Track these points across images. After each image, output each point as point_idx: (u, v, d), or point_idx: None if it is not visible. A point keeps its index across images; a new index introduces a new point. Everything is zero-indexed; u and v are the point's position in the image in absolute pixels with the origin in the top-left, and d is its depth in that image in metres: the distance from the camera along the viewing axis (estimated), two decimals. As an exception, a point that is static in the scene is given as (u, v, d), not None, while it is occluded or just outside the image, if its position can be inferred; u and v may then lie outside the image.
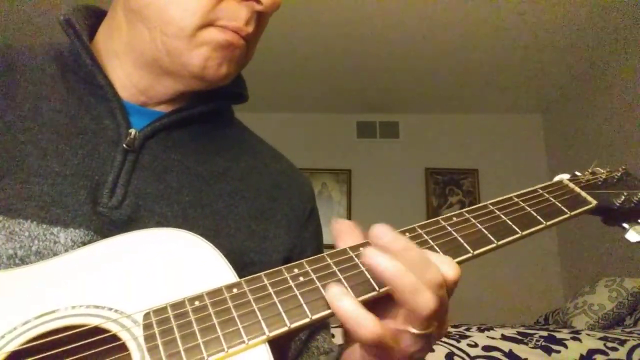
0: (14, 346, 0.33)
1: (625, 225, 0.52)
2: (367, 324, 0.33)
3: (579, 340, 1.39)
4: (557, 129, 3.50)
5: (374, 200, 3.60)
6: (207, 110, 0.55)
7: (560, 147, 3.43)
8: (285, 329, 0.34)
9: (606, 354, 1.34)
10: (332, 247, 0.41)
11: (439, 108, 3.67)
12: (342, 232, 0.41)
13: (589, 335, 1.44)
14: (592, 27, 2.61)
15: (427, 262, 0.35)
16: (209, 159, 0.54)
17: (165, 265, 0.39)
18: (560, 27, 2.62)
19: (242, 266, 0.48)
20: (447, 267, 0.37)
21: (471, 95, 3.46)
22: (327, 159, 3.69)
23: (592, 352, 1.34)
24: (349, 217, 3.55)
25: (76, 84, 0.51)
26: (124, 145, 0.48)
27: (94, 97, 0.50)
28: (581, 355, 1.34)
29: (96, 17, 0.56)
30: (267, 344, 0.34)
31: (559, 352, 1.34)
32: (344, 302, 0.34)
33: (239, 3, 0.48)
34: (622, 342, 1.39)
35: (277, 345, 0.35)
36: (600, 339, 1.41)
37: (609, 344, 1.38)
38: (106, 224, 0.44)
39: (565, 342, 1.38)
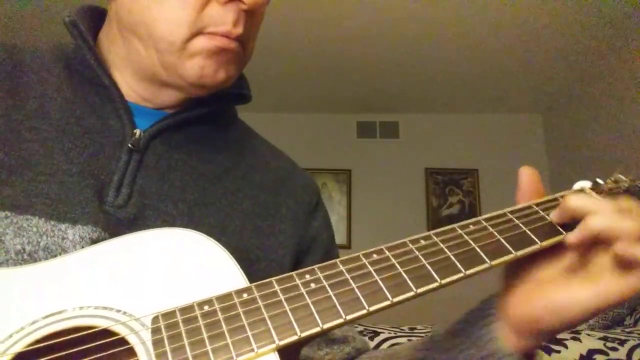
0: (21, 347, 0.33)
1: None
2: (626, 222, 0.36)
3: (579, 340, 1.39)
4: (557, 129, 3.50)
5: (374, 200, 3.60)
6: (211, 112, 0.56)
7: (560, 147, 3.43)
8: (295, 337, 0.34)
9: (606, 354, 1.34)
10: (342, 247, 0.41)
11: (439, 108, 3.67)
12: (527, 184, 0.44)
13: (589, 335, 1.44)
14: (593, 27, 2.61)
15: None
16: (212, 158, 0.55)
17: (174, 266, 0.39)
18: (561, 27, 2.62)
19: (249, 263, 0.49)
20: None
21: (471, 95, 3.46)
22: (327, 159, 3.69)
23: (592, 352, 1.34)
24: (349, 217, 3.56)
25: (82, 85, 0.51)
26: (129, 145, 0.49)
27: (99, 97, 0.51)
28: (581, 355, 1.34)
29: (101, 18, 0.57)
30: (276, 352, 0.33)
31: (559, 352, 1.34)
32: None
33: (223, 6, 0.47)
34: (622, 342, 1.39)
35: (287, 353, 0.34)
36: (600, 339, 1.41)
37: (609, 344, 1.38)
38: (113, 222, 0.45)
39: (565, 342, 1.38)
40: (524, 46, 2.81)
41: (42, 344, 0.33)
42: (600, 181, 0.53)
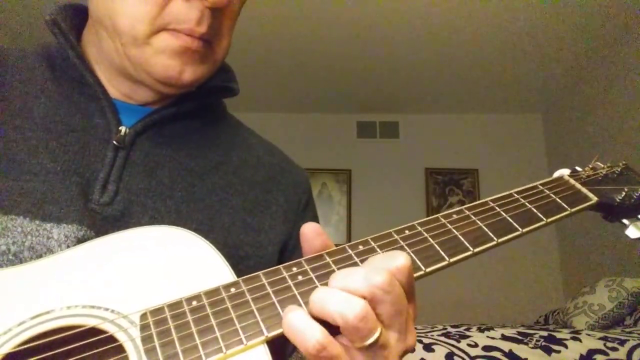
0: (9, 348, 0.33)
1: (625, 221, 0.51)
2: (313, 334, 0.31)
3: (579, 340, 1.39)
4: (557, 129, 3.50)
5: (374, 200, 3.60)
6: (197, 106, 0.55)
7: (560, 147, 3.43)
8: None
9: (606, 354, 1.34)
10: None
11: (439, 108, 3.67)
12: (308, 235, 0.40)
13: (589, 335, 1.43)
14: (593, 26, 2.61)
15: (346, 274, 0.34)
16: (201, 153, 0.54)
17: (161, 264, 0.39)
18: (561, 26, 2.62)
19: (238, 260, 0.48)
20: (375, 273, 0.33)
21: (471, 95, 3.46)
22: (327, 159, 3.69)
23: (592, 352, 1.34)
24: (349, 217, 3.56)
25: (66, 83, 0.51)
26: (114, 142, 0.48)
27: (83, 95, 0.51)
28: (581, 355, 1.33)
29: (83, 15, 0.56)
30: (265, 344, 0.33)
31: (559, 352, 1.34)
32: (291, 314, 0.32)
33: (186, 3, 0.46)
34: (622, 342, 1.39)
35: (276, 345, 0.34)
36: (600, 339, 1.41)
37: (609, 344, 1.38)
38: (98, 220, 0.44)
39: (565, 342, 1.38)
40: (523, 46, 2.81)
41: (30, 345, 0.33)
42: (578, 169, 0.53)
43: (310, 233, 0.39)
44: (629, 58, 2.69)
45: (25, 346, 0.33)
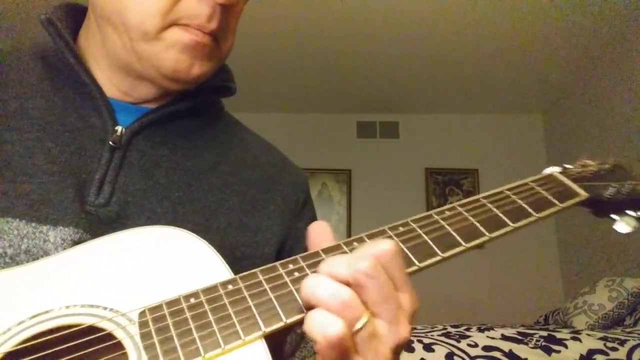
0: (9, 347, 0.33)
1: (614, 216, 0.52)
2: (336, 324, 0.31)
3: (579, 340, 1.39)
4: (557, 129, 3.50)
5: (374, 200, 3.60)
6: (194, 105, 0.55)
7: (560, 147, 3.43)
8: (281, 324, 0.34)
9: (606, 354, 1.34)
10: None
11: (439, 108, 3.67)
12: (316, 234, 0.40)
13: (589, 335, 1.44)
14: (592, 27, 2.61)
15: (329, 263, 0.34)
16: (198, 153, 0.54)
17: (159, 263, 0.39)
18: (561, 27, 2.62)
19: (234, 261, 0.48)
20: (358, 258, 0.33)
21: (471, 95, 3.46)
22: (327, 159, 3.69)
23: (592, 352, 1.34)
24: (349, 217, 3.56)
25: (62, 83, 0.51)
26: (111, 142, 0.48)
27: (79, 95, 0.50)
28: (581, 355, 1.33)
29: (79, 15, 0.56)
30: (263, 339, 0.34)
31: (559, 352, 1.34)
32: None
33: None
34: (622, 342, 1.39)
35: (274, 340, 0.35)
36: (600, 339, 1.41)
37: (609, 344, 1.38)
38: (95, 222, 0.44)
39: (565, 342, 1.38)
40: (523, 46, 2.81)
41: (29, 343, 0.33)
42: (568, 166, 0.54)
43: (317, 232, 0.40)
44: (629, 58, 2.69)
45: (25, 345, 0.33)
